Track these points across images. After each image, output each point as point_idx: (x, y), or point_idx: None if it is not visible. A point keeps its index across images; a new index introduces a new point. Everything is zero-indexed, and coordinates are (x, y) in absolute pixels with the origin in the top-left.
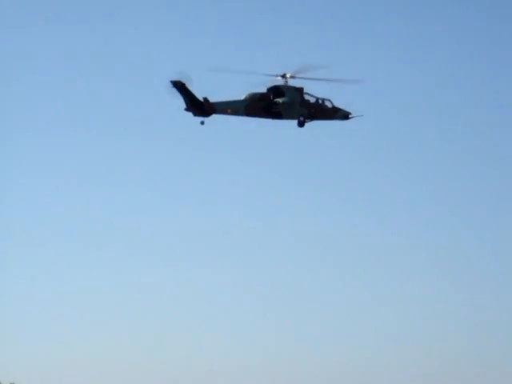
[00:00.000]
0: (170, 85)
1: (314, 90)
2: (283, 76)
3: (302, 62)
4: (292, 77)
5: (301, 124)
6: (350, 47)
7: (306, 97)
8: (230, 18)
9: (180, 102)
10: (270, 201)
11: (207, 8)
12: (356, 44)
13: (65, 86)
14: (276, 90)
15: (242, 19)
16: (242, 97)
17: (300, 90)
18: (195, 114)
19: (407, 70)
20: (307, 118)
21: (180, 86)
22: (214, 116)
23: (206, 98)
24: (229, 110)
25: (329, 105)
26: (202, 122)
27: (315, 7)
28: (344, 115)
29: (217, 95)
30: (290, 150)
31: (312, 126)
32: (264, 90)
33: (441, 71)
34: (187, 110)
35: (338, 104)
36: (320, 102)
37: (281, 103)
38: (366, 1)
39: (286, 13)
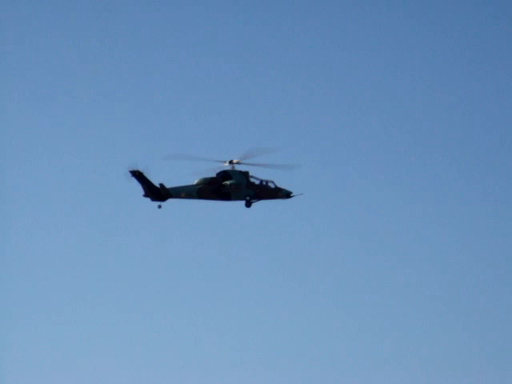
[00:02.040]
0: (129, 174)
1: (258, 174)
2: (230, 162)
3: (247, 149)
4: (238, 162)
5: (248, 204)
6: (288, 133)
7: (252, 179)
8: (178, 110)
9: (139, 189)
10: (223, 273)
11: (158, 102)
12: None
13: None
14: (224, 175)
15: (190, 110)
16: (194, 182)
17: (246, 174)
18: (153, 199)
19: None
20: (253, 198)
21: (138, 175)
22: (169, 200)
23: (161, 184)
24: (183, 194)
25: (272, 185)
26: (160, 206)
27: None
28: (286, 194)
29: (171, 181)
30: (239, 228)
31: (258, 205)
32: (213, 175)
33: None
34: (145, 195)
35: (280, 185)
36: (264, 183)
37: (228, 185)
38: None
39: (226, 104)
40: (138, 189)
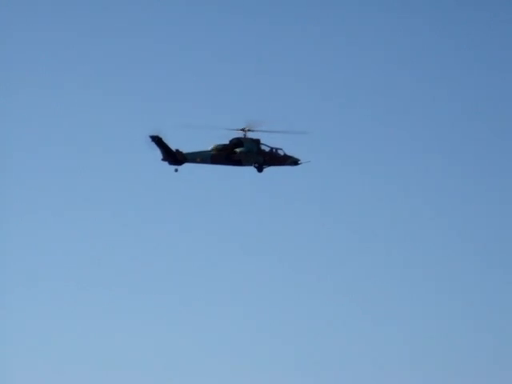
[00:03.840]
0: (149, 139)
1: (269, 141)
2: (243, 130)
3: (259, 118)
4: (250, 130)
5: (259, 170)
6: (299, 102)
7: (262, 147)
8: (195, 81)
9: (157, 154)
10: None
11: (176, 72)
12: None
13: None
14: (236, 142)
15: (206, 82)
16: (209, 148)
17: (257, 141)
18: (170, 163)
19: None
20: (263, 165)
21: (157, 140)
22: (185, 164)
23: (178, 150)
24: (197, 159)
25: (281, 153)
26: (176, 170)
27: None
28: (294, 162)
29: (187, 147)
30: (250, 192)
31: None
32: (227, 141)
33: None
34: (163, 159)
35: (289, 152)
36: (274, 150)
37: (239, 152)
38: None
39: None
40: (157, 153)
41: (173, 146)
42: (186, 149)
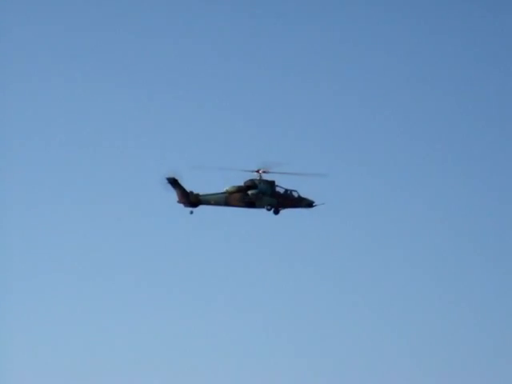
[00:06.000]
0: (165, 181)
1: (284, 183)
2: (257, 171)
3: (274, 159)
4: (265, 172)
5: (276, 212)
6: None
7: (277, 188)
8: (210, 123)
9: (173, 196)
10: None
11: (190, 113)
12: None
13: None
14: (251, 184)
15: (222, 124)
16: (223, 190)
17: (271, 183)
18: (185, 205)
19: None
20: (278, 207)
21: (173, 182)
22: (200, 206)
23: (192, 192)
24: (212, 201)
25: (295, 195)
26: (191, 212)
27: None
28: (308, 204)
29: (203, 189)
30: (265, 232)
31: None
32: (241, 183)
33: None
34: (179, 202)
35: (304, 194)
36: (288, 192)
37: (252, 194)
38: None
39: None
40: (173, 195)
41: (188, 188)
42: (201, 191)
